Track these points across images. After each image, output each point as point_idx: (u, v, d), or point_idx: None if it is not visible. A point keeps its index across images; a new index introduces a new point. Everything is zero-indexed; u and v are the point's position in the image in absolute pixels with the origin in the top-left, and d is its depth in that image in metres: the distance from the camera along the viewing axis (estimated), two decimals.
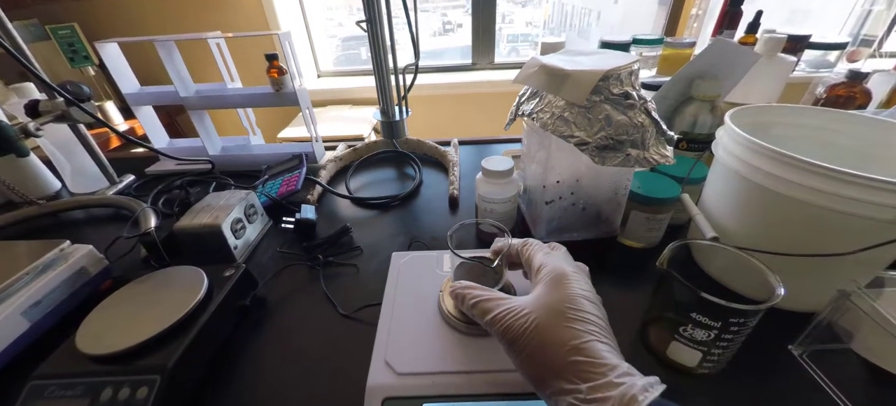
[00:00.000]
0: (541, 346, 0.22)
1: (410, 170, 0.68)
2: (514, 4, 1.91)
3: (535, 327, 0.22)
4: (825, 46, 0.77)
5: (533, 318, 0.23)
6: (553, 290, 0.24)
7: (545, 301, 0.24)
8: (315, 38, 1.76)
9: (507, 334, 0.23)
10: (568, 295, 0.24)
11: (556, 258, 0.28)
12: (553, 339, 0.22)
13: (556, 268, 0.26)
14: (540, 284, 0.26)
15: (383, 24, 0.57)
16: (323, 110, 1.66)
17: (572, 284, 0.25)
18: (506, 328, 0.23)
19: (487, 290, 0.27)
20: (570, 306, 0.23)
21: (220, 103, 0.67)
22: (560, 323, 0.22)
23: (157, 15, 1.56)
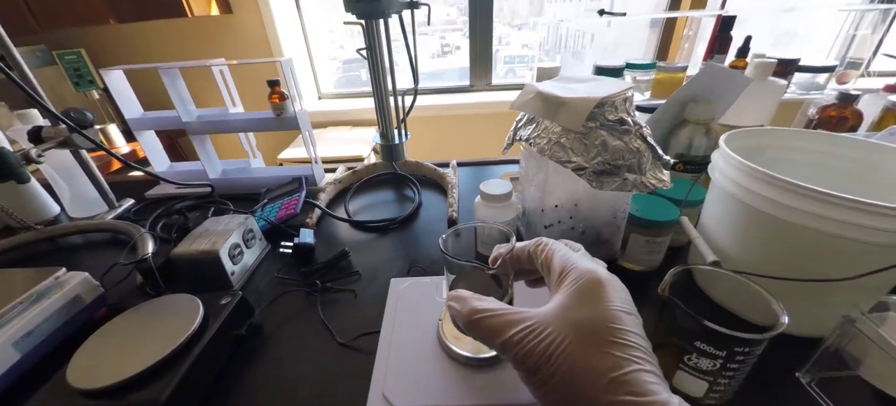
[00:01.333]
0: (571, 376, 0.18)
1: (409, 192, 0.69)
2: (510, 27, 1.97)
3: (563, 352, 0.18)
4: (814, 69, 0.79)
5: (560, 340, 0.18)
6: (584, 302, 0.20)
7: (575, 317, 0.19)
8: (317, 60, 1.80)
9: (527, 360, 0.19)
10: (605, 310, 0.19)
11: (583, 259, 0.22)
12: (587, 368, 0.18)
13: (586, 272, 0.21)
14: (564, 292, 0.21)
15: (383, 52, 0.59)
16: (323, 131, 1.68)
17: (609, 295, 0.20)
18: (526, 353, 0.19)
19: (493, 302, 0.22)
20: (610, 325, 0.19)
21: (221, 128, 0.68)
22: (596, 347, 0.18)
23: (162, 41, 1.60)
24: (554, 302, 0.21)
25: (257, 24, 1.54)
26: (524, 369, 0.19)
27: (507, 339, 0.20)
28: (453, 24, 1.87)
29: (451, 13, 1.86)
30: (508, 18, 1.94)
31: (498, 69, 1.87)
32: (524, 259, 0.26)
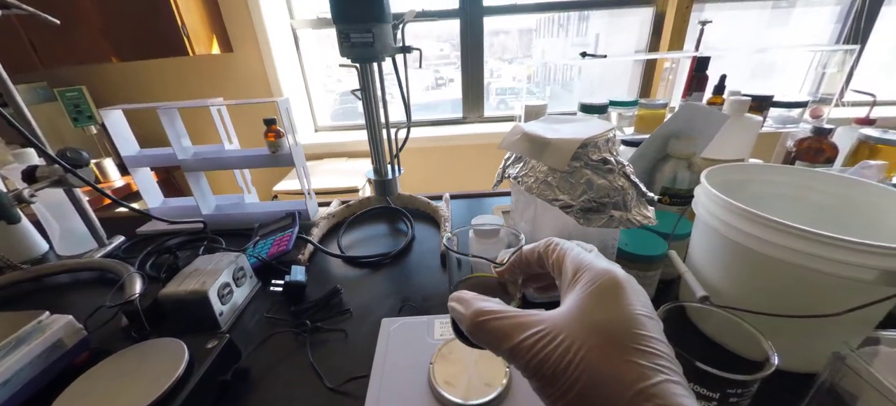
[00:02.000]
0: (592, 387, 0.16)
1: (403, 225, 0.69)
2: (501, 61, 2.05)
3: (583, 359, 0.16)
4: (787, 105, 0.84)
5: (578, 346, 0.17)
6: (602, 304, 0.18)
7: (593, 321, 0.17)
8: (314, 93, 1.84)
9: (541, 369, 0.17)
10: (626, 314, 0.17)
11: (598, 259, 0.20)
12: (611, 378, 0.16)
13: (603, 272, 0.19)
14: (579, 294, 0.19)
15: (376, 93, 0.61)
16: (319, 163, 1.70)
17: (630, 298, 0.18)
18: (540, 361, 0.17)
19: (500, 304, 0.20)
20: (633, 331, 0.17)
21: (217, 165, 0.69)
22: (619, 355, 0.16)
23: (163, 78, 1.64)
24: (568, 304, 0.19)
25: (257, 62, 1.59)
26: (538, 379, 0.17)
27: (518, 343, 0.18)
28: (447, 58, 1.95)
29: (444, 48, 1.94)
30: (499, 53, 2.02)
31: (491, 100, 1.93)
32: (534, 261, 0.23)
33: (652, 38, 1.66)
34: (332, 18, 0.54)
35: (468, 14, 1.65)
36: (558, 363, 0.17)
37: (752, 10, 1.66)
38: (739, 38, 1.71)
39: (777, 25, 1.71)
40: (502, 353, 0.18)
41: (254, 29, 1.53)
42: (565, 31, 2.00)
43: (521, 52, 2.04)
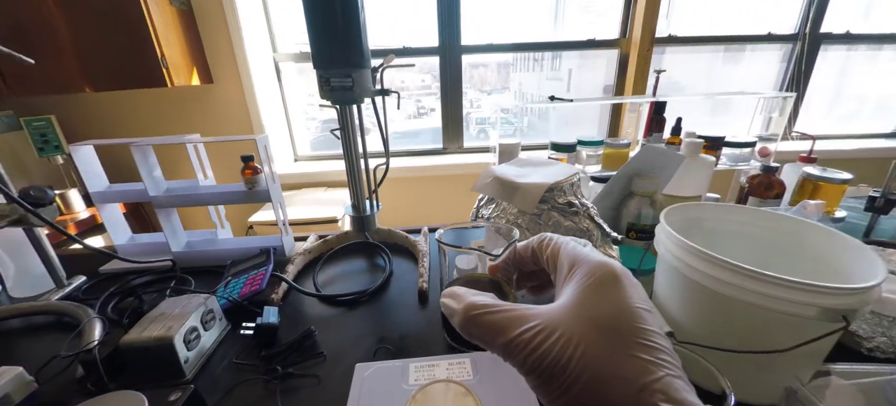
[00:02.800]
0: (595, 384, 0.15)
1: (381, 261, 0.69)
2: (480, 92, 2.15)
3: (584, 355, 0.16)
4: (737, 145, 0.91)
5: (577, 341, 0.16)
6: (601, 298, 0.17)
7: (593, 315, 0.17)
8: (294, 120, 1.85)
9: (539, 365, 0.16)
10: (626, 308, 0.17)
11: (594, 252, 0.20)
12: (614, 374, 0.15)
13: (600, 265, 0.18)
14: (576, 288, 0.18)
15: (356, 132, 0.62)
16: (298, 193, 1.68)
17: (628, 291, 0.18)
18: (538, 357, 0.16)
19: (492, 298, 0.19)
20: (635, 325, 0.16)
21: (190, 202, 0.68)
22: (621, 350, 0.16)
23: (137, 108, 1.61)
24: (565, 298, 0.18)
25: (237, 93, 1.59)
26: (537, 376, 0.16)
27: (514, 338, 0.17)
28: (428, 88, 2.01)
29: (425, 79, 2.00)
30: (479, 85, 2.12)
31: (471, 129, 2.00)
32: (528, 257, 0.22)
33: (618, 76, 1.77)
34: (313, 64, 0.56)
35: (447, 51, 1.72)
36: (558, 359, 0.16)
37: (705, 53, 1.82)
38: (697, 72, 1.86)
39: (730, 63, 1.87)
40: (497, 349, 0.17)
41: (235, 61, 1.54)
42: (540, 66, 2.14)
43: (500, 84, 2.15)
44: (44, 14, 1.22)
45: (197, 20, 1.48)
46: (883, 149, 1.84)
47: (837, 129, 1.97)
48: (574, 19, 1.84)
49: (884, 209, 0.64)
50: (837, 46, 1.79)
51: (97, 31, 1.26)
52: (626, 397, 0.15)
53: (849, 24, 1.76)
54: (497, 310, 0.18)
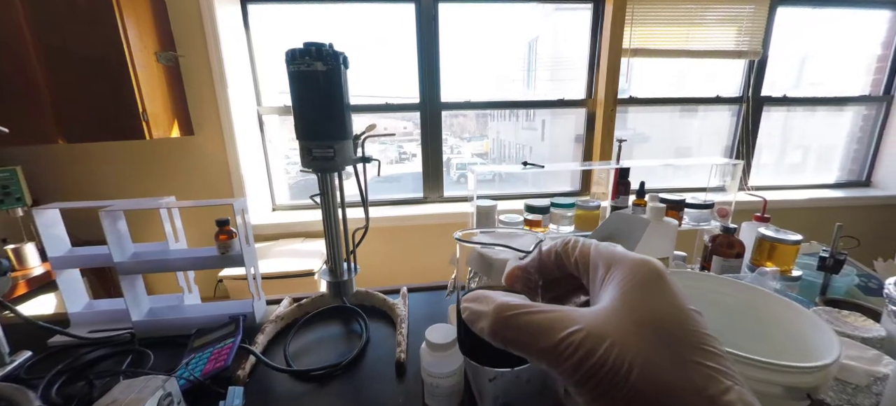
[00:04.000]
0: (659, 396, 0.13)
1: (357, 326, 0.67)
2: (460, 139, 2.24)
3: (645, 363, 0.14)
4: (697, 206, 0.99)
5: (634, 348, 0.14)
6: (647, 298, 0.15)
7: (643, 318, 0.15)
8: (274, 165, 1.83)
9: (595, 374, 0.14)
10: (679, 310, 0.15)
11: (628, 251, 0.18)
12: (679, 385, 0.13)
13: (641, 262, 0.17)
14: (617, 288, 0.16)
15: (335, 198, 0.63)
16: (275, 244, 1.64)
17: (675, 290, 0.16)
18: (594, 364, 0.14)
19: (522, 298, 0.17)
20: (693, 330, 0.15)
21: (159, 267, 0.65)
22: (682, 356, 0.14)
23: (111, 160, 1.57)
24: (607, 301, 0.16)
25: (218, 144, 1.59)
26: (592, 386, 0.14)
27: (561, 340, 0.15)
28: (410, 134, 2.07)
29: (407, 126, 2.07)
30: (458, 132, 2.22)
31: (451, 173, 2.05)
32: (551, 264, 0.20)
33: (587, 131, 1.90)
34: (296, 135, 0.57)
35: (428, 107, 1.81)
36: (617, 367, 0.14)
37: (664, 113, 2.00)
38: (660, 124, 2.04)
39: (688, 116, 2.06)
40: (539, 355, 0.15)
41: (218, 114, 1.55)
42: (516, 117, 2.28)
43: (478, 132, 2.27)
44: (24, 66, 1.21)
45: (182, 75, 1.50)
46: (828, 199, 2.00)
47: (787, 180, 2.14)
48: (545, 79, 1.99)
49: (834, 269, 0.69)
50: (778, 107, 2.00)
51: (78, 85, 1.25)
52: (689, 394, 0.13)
53: (785, 89, 1.99)
54: (536, 310, 0.16)
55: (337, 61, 0.54)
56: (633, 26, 1.68)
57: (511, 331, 0.16)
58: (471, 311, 0.18)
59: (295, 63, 0.53)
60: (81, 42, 1.21)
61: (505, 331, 0.16)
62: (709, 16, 1.73)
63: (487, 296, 0.18)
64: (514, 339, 0.16)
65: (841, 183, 2.16)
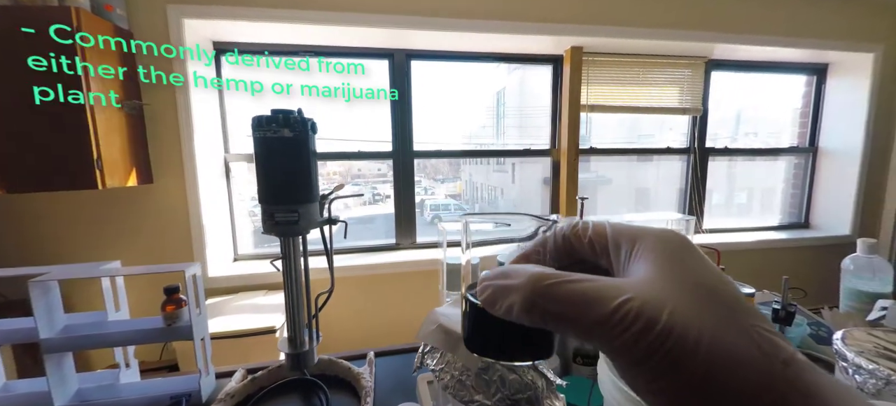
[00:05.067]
0: (731, 363, 0.12)
1: (318, 401, 0.62)
2: (434, 180, 2.27)
3: (713, 330, 0.13)
4: None
5: (697, 316, 0.13)
6: (688, 267, 0.14)
7: (694, 283, 0.14)
8: (239, 209, 1.75)
9: (661, 346, 0.12)
10: (721, 277, 0.14)
11: (647, 226, 0.17)
12: (748, 354, 0.12)
13: (669, 232, 0.16)
14: (649, 260, 0.15)
15: (299, 263, 0.60)
16: (234, 298, 1.53)
17: (707, 260, 0.15)
18: (659, 335, 0.12)
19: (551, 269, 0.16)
20: (737, 294, 0.14)
21: (94, 343, 0.58)
22: (743, 322, 0.13)
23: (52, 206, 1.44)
24: (643, 272, 0.14)
25: (178, 193, 1.50)
26: (654, 364, 0.12)
27: (616, 310, 0.13)
28: (384, 176, 2.06)
29: (382, 168, 2.07)
30: (432, 174, 2.25)
31: (425, 214, 2.05)
32: (562, 250, 0.18)
33: (553, 177, 1.99)
34: (259, 198, 0.55)
35: (400, 155, 1.83)
36: (685, 337, 0.12)
37: (622, 161, 2.15)
38: (621, 168, 2.19)
39: (646, 161, 2.23)
40: (589, 327, 0.13)
41: (182, 162, 1.48)
42: (487, 160, 2.36)
43: (451, 174, 2.32)
44: None
45: (146, 121, 1.44)
46: (774, 241, 2.16)
47: (737, 221, 2.32)
48: (513, 126, 2.10)
49: (786, 320, 0.73)
50: (721, 157, 2.20)
51: (27, 130, 1.16)
52: (771, 375, 0.12)
53: (726, 141, 2.20)
54: (578, 278, 0.14)
55: (305, 128, 0.53)
56: (589, 85, 1.83)
57: (552, 301, 0.14)
58: (494, 290, 0.16)
59: (261, 129, 0.52)
60: (39, 85, 1.14)
61: (545, 302, 0.14)
62: (654, 78, 1.92)
63: (514, 269, 0.16)
64: (557, 311, 0.14)
65: (784, 225, 2.36)
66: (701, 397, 0.12)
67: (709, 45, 1.84)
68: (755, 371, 0.12)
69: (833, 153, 2.21)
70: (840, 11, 1.91)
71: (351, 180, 2.08)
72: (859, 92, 2.06)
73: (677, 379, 0.12)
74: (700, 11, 1.78)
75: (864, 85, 2.04)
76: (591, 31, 1.70)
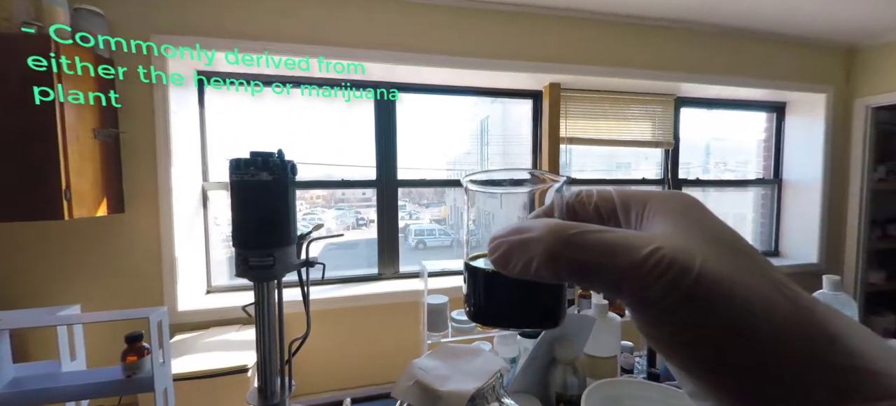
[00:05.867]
0: (765, 317, 0.12)
1: None
2: (419, 205, 2.27)
3: (743, 280, 0.13)
4: None
5: (726, 266, 0.13)
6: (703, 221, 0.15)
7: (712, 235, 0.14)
8: (214, 240, 1.69)
9: (693, 296, 0.12)
10: (731, 228, 0.15)
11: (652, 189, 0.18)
12: (776, 301, 0.12)
13: (677, 192, 0.16)
14: (664, 217, 0.15)
15: (273, 310, 0.58)
16: (205, 334, 1.46)
17: (717, 216, 0.15)
18: (694, 282, 0.12)
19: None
20: (750, 244, 0.14)
21: (43, 398, 0.53)
22: (765, 272, 0.13)
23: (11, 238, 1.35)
24: (661, 227, 0.15)
25: (151, 223, 1.44)
26: (687, 313, 0.12)
27: (648, 257, 0.13)
28: (368, 201, 2.05)
29: (366, 192, 2.06)
30: (417, 199, 2.25)
31: (410, 239, 2.02)
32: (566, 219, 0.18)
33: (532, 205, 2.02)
34: (232, 242, 0.54)
35: (384, 184, 1.83)
36: (717, 284, 0.12)
37: None
38: None
39: None
40: (619, 275, 0.13)
41: (156, 191, 1.44)
42: None
43: (436, 199, 2.32)
44: None
45: (122, 149, 1.40)
46: None
47: None
48: (497, 154, 2.14)
49: None
50: (694, 188, 2.30)
51: None
52: (799, 321, 0.12)
53: (698, 172, 2.31)
54: (601, 229, 0.14)
55: (284, 171, 0.53)
56: (568, 118, 1.90)
57: (579, 250, 0.14)
58: (509, 246, 0.15)
59: (238, 172, 0.51)
60: (9, 112, 1.09)
61: (571, 251, 0.14)
62: (628, 113, 2.02)
63: (529, 223, 0.15)
64: (584, 260, 0.14)
65: None
66: (735, 344, 0.12)
67: (676, 84, 1.96)
68: (785, 316, 0.12)
69: (796, 185, 2.34)
70: (795, 55, 2.08)
71: (335, 204, 2.06)
72: (815, 127, 2.21)
73: (708, 327, 0.12)
74: (668, 54, 1.90)
75: (819, 121, 2.19)
76: (568, 69, 1.78)
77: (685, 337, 0.13)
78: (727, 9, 1.76)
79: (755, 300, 0.12)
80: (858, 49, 2.17)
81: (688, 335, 0.13)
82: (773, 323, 0.12)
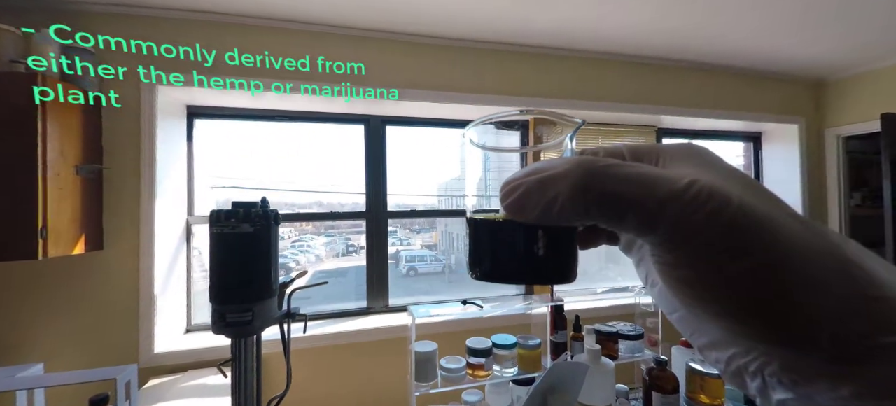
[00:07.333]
0: (801, 255, 0.12)
1: None
2: (410, 231, 2.24)
3: (778, 217, 0.13)
4: (629, 337, 1.05)
5: (757, 203, 0.13)
6: (718, 164, 0.15)
7: (732, 176, 0.14)
8: (196, 276, 1.62)
9: (736, 226, 0.12)
10: (742, 171, 0.15)
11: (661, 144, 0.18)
12: (806, 240, 0.12)
13: (685, 143, 0.16)
14: (679, 164, 0.15)
15: (251, 366, 0.55)
16: (181, 378, 1.38)
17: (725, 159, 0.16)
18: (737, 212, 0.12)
19: None
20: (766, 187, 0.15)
21: None
22: (783, 209, 0.14)
23: None
24: (682, 168, 0.14)
25: (130, 260, 1.39)
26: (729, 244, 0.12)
27: (687, 187, 0.13)
28: (358, 227, 2.02)
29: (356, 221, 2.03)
30: (408, 224, 2.23)
31: (401, 266, 1.98)
32: None
33: None
34: (209, 296, 0.51)
35: (374, 216, 1.81)
36: (761, 219, 0.12)
37: None
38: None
39: None
40: (657, 206, 0.13)
41: (138, 227, 1.39)
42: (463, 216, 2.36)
43: (428, 224, 2.31)
44: None
45: (104, 185, 1.36)
46: None
47: None
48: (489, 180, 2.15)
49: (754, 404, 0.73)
50: None
51: None
52: (832, 255, 0.12)
53: None
54: (632, 163, 0.14)
55: (267, 221, 0.51)
56: None
57: (614, 181, 0.13)
58: (528, 186, 0.14)
59: (218, 225, 0.50)
60: None
61: (605, 182, 0.13)
62: (612, 143, 2.07)
63: (550, 162, 0.15)
64: (619, 191, 0.13)
65: None
66: (781, 276, 0.12)
67: (657, 116, 2.03)
68: (819, 250, 0.12)
69: None
70: (768, 88, 2.19)
71: (324, 231, 2.02)
72: (791, 156, 2.30)
73: (753, 257, 0.12)
74: (649, 88, 1.97)
75: (793, 150, 2.28)
76: (552, 103, 1.83)
77: (724, 273, 0.12)
78: (704, 46, 1.85)
79: (798, 238, 0.12)
80: (826, 82, 2.29)
81: (727, 271, 0.12)
82: (808, 256, 0.12)
